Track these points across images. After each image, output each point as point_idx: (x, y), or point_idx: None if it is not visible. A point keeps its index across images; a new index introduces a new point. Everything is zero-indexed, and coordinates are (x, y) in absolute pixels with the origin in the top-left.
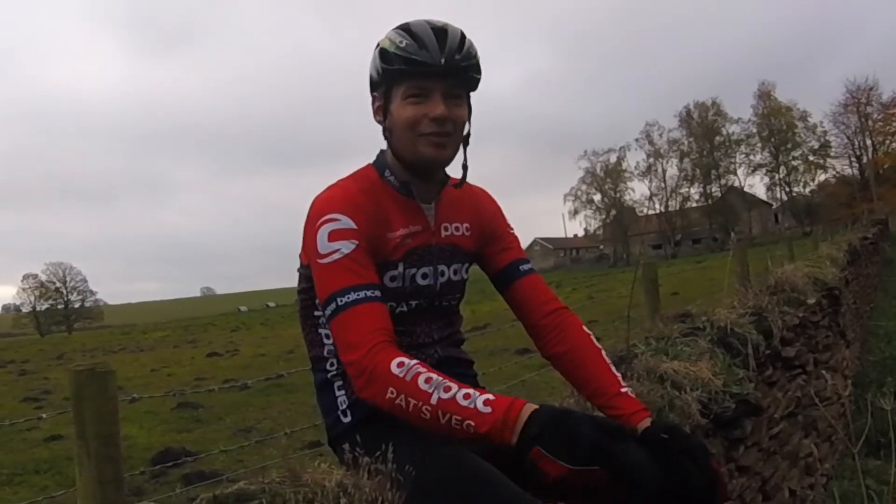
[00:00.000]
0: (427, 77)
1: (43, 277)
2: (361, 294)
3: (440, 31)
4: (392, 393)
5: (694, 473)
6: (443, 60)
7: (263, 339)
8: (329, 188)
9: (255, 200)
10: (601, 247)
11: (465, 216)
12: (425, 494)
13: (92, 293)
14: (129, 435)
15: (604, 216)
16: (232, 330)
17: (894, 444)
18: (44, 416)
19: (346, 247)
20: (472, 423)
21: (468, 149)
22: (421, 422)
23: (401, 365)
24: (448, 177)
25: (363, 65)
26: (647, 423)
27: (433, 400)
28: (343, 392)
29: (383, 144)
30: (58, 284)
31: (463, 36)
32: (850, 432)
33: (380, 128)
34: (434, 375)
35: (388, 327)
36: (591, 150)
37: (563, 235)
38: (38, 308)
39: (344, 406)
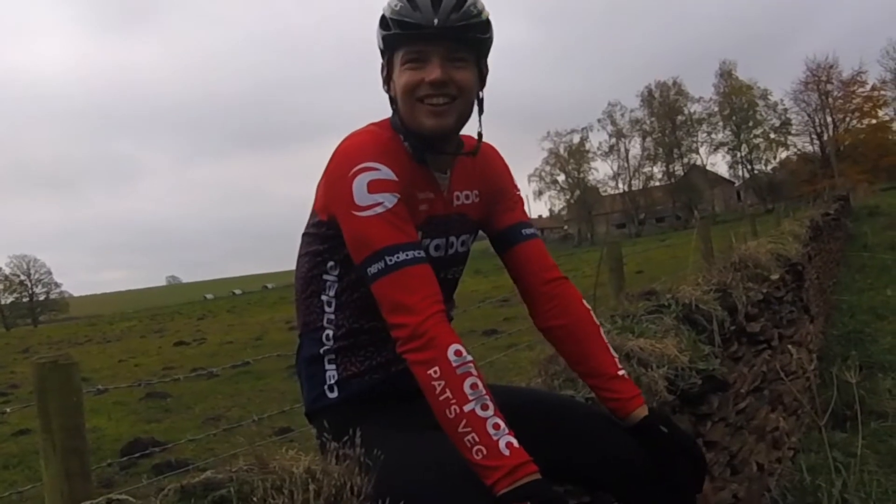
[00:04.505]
0: (423, 40)
1: (7, 270)
2: (411, 254)
3: None
4: (435, 373)
5: (686, 470)
6: (436, 21)
7: (230, 326)
8: (357, 133)
9: (222, 184)
10: (566, 227)
11: (475, 182)
12: (395, 478)
13: (57, 285)
14: (98, 426)
15: (568, 196)
16: (198, 318)
17: (860, 416)
18: (7, 410)
19: (389, 200)
20: (483, 451)
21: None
22: (440, 414)
23: (458, 354)
24: (462, 144)
25: (339, 41)
26: (643, 410)
27: (467, 408)
28: (333, 367)
29: (358, 125)
30: (22, 277)
31: None
32: (816, 406)
33: (362, 105)
34: (480, 384)
35: (440, 294)
36: (555, 130)
37: (528, 216)
38: (2, 301)
39: (332, 381)
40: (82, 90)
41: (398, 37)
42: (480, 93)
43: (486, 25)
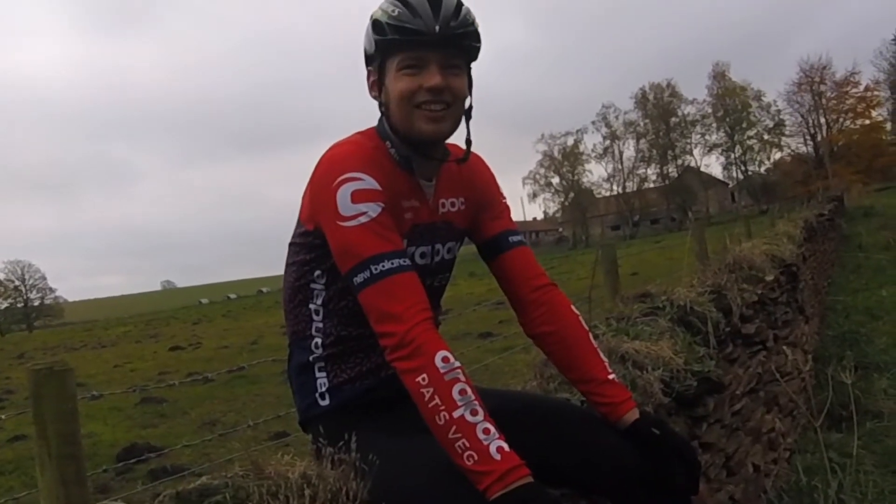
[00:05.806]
0: (421, 47)
1: (1, 276)
2: (396, 263)
3: None
4: (424, 380)
5: (680, 471)
6: (437, 28)
7: (226, 330)
8: (341, 144)
9: (218, 188)
10: (560, 229)
11: (461, 190)
12: (390, 482)
13: (51, 290)
14: (94, 432)
15: (562, 199)
16: (194, 323)
17: (855, 416)
18: (3, 416)
19: (373, 209)
20: (474, 457)
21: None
22: (430, 420)
23: (446, 360)
24: (448, 152)
25: (338, 43)
26: (635, 413)
27: (456, 414)
28: (324, 374)
29: (354, 128)
30: (16, 283)
31: (459, 2)
32: (812, 406)
33: (361, 108)
34: (469, 389)
35: (427, 302)
36: (549, 133)
37: (522, 219)
38: None
39: (323, 389)
40: (77, 93)
41: (396, 42)
42: (468, 100)
43: (479, 34)
